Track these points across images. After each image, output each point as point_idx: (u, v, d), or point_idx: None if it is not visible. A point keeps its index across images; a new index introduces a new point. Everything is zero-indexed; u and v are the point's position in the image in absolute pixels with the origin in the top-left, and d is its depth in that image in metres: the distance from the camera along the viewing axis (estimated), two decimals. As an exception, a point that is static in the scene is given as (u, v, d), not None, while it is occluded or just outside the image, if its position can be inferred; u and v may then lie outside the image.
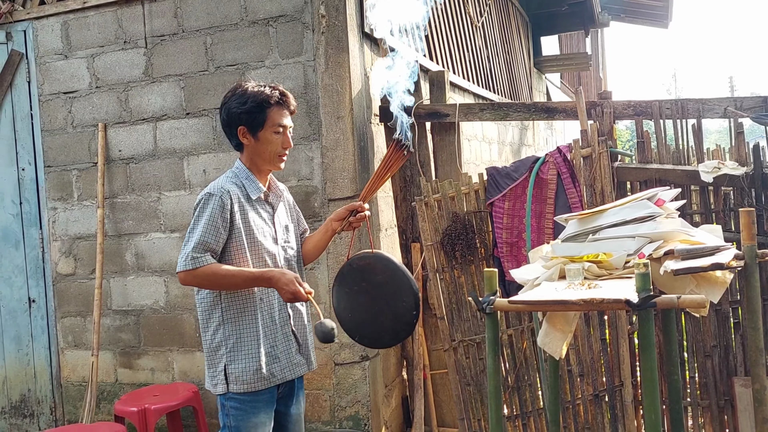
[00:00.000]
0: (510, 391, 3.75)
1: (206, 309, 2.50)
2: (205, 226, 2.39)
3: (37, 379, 4.50)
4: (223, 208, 2.41)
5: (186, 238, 2.43)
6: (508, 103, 4.20)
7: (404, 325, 2.67)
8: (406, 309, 2.63)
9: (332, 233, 2.67)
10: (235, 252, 2.45)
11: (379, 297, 2.64)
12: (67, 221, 4.43)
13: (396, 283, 2.64)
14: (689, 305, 1.98)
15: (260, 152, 2.52)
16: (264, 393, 2.48)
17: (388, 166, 2.75)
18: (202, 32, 4.05)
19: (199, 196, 2.47)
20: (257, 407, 2.47)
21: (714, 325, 3.51)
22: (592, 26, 10.75)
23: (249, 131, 2.49)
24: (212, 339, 2.48)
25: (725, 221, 3.48)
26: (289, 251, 2.63)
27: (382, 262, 2.68)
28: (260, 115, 2.47)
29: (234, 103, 2.49)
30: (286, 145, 2.54)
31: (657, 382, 2.00)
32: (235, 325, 2.46)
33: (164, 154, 4.18)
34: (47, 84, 4.42)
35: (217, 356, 2.47)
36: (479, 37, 7.16)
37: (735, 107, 3.60)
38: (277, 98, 2.49)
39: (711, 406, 3.54)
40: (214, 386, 2.49)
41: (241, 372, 2.44)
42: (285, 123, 2.52)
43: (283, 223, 2.63)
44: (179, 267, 2.40)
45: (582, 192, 3.59)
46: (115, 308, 4.34)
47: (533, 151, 9.44)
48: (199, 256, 2.36)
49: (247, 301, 2.47)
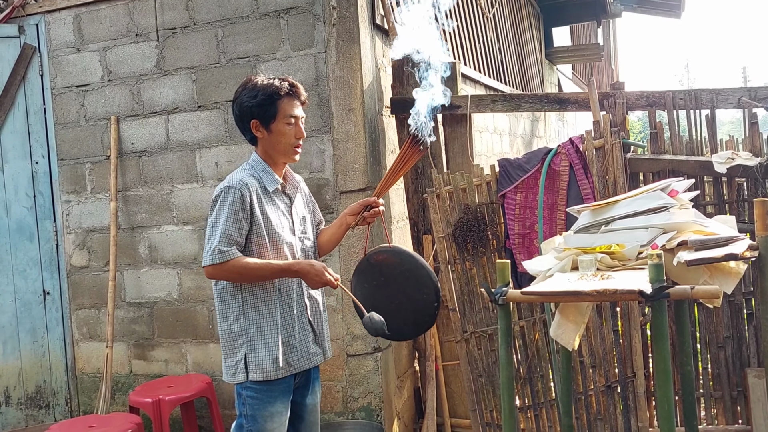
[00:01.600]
0: (522, 382, 3.75)
1: (226, 299, 2.51)
2: (228, 219, 2.41)
3: (52, 370, 4.55)
4: (243, 201, 2.42)
5: (209, 233, 2.45)
6: (520, 95, 4.18)
7: (426, 317, 2.69)
8: (427, 302, 2.66)
9: (346, 227, 2.69)
10: (256, 243, 2.47)
11: (398, 291, 2.65)
12: (81, 214, 4.46)
13: (416, 276, 2.65)
14: (703, 296, 1.98)
15: (274, 144, 2.53)
16: (281, 382, 2.50)
17: (404, 161, 2.74)
18: (213, 25, 4.06)
19: (216, 189, 2.49)
20: (274, 396, 2.49)
21: (727, 316, 3.49)
22: (603, 17, 10.67)
23: (261, 124, 2.51)
24: (231, 328, 2.50)
25: (739, 212, 3.46)
26: (306, 242, 2.65)
27: (400, 256, 2.69)
28: (271, 107, 2.48)
29: (245, 97, 2.50)
30: (299, 135, 2.55)
31: (670, 373, 2.00)
32: (256, 315, 2.48)
33: (176, 147, 4.20)
34: (60, 77, 4.45)
35: (236, 345, 2.49)
36: (491, 29, 7.14)
37: (749, 97, 3.57)
38: (286, 89, 2.51)
39: (724, 397, 3.53)
40: (233, 375, 2.50)
41: (260, 360, 2.46)
42: (296, 114, 2.53)
43: (300, 215, 2.65)
44: (206, 261, 2.41)
45: (594, 183, 3.58)
46: (128, 300, 4.37)
47: (544, 143, 9.40)
48: (227, 249, 2.38)
49: (268, 291, 2.50)
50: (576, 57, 11.21)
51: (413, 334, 2.85)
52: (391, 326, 2.59)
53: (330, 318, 3.57)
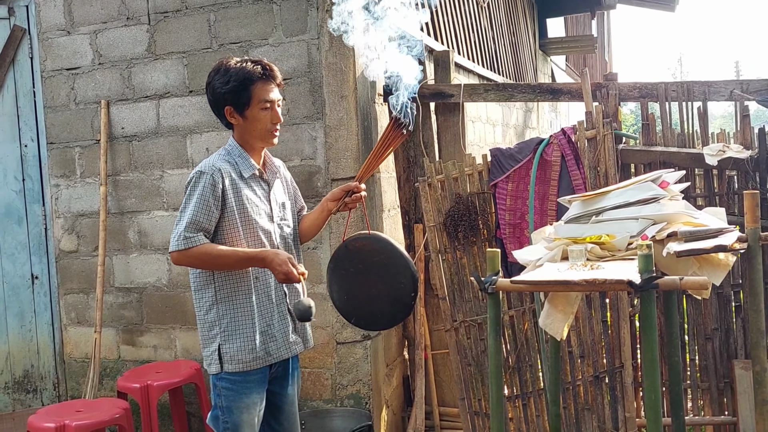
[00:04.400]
0: (511, 371, 3.77)
1: (199, 288, 2.47)
2: (197, 205, 2.35)
3: (40, 355, 4.53)
4: (215, 187, 2.36)
5: (178, 218, 2.40)
6: (513, 84, 4.18)
7: (402, 306, 2.61)
8: (404, 291, 2.58)
9: (328, 213, 2.63)
10: (228, 231, 2.41)
11: (376, 279, 2.58)
12: (70, 198, 4.43)
13: (394, 264, 2.58)
14: (691, 287, 1.99)
15: (250, 130, 2.46)
16: (256, 372, 2.46)
17: (386, 144, 2.62)
18: (205, 9, 4.02)
19: (190, 174, 2.43)
20: (249, 387, 2.45)
21: (715, 308, 3.51)
22: (598, 8, 10.65)
23: (236, 111, 2.42)
24: (205, 318, 2.46)
25: (729, 205, 3.48)
26: (285, 229, 2.59)
27: (379, 243, 2.62)
28: (245, 92, 2.39)
29: (217, 82, 2.41)
30: (275, 120, 2.47)
31: (657, 363, 2.01)
32: (230, 304, 2.43)
33: (167, 131, 4.17)
34: (50, 60, 4.40)
35: (210, 335, 2.45)
36: (485, 18, 7.11)
37: (741, 90, 3.58)
38: (259, 73, 2.41)
39: (711, 389, 3.55)
40: (209, 365, 2.46)
41: (236, 351, 2.41)
42: (272, 98, 2.44)
43: (279, 201, 2.59)
44: (171, 247, 2.36)
45: (586, 174, 3.58)
46: (117, 285, 4.35)
47: (537, 134, 9.40)
48: (192, 236, 2.33)
49: (242, 280, 2.44)
50: (570, 48, 11.20)
51: (389, 324, 2.79)
52: (366, 314, 2.53)
53: (320, 305, 3.56)
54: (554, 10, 10.50)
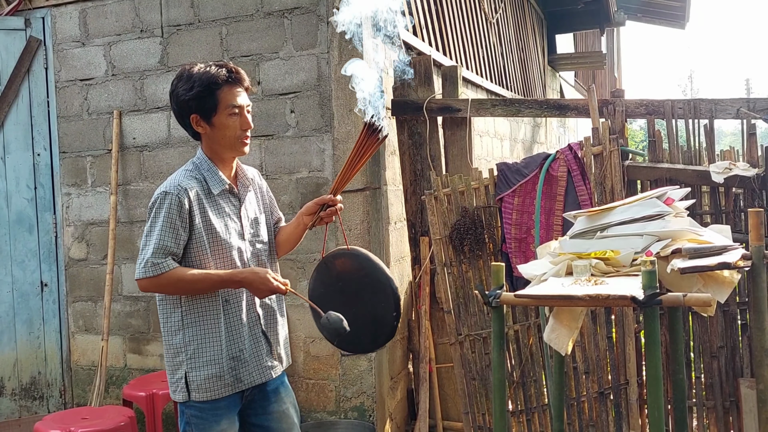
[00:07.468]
0: (515, 386, 3.76)
1: (165, 312, 2.31)
2: (163, 228, 2.19)
3: (47, 362, 4.56)
4: (181, 208, 2.20)
5: (143, 242, 2.23)
6: (520, 100, 4.20)
7: (383, 328, 2.40)
8: (385, 311, 2.38)
9: (304, 228, 2.43)
10: (196, 253, 2.26)
11: (356, 298, 2.39)
12: (81, 207, 4.48)
13: (374, 282, 2.39)
14: (695, 303, 1.99)
15: (218, 139, 2.29)
16: (226, 399, 2.30)
17: (361, 152, 2.39)
18: (217, 22, 4.08)
19: (154, 195, 2.26)
20: (219, 414, 2.30)
21: (721, 326, 3.50)
22: (607, 25, 10.69)
23: (202, 118, 2.26)
24: (171, 342, 2.30)
25: (735, 222, 3.48)
26: (257, 245, 2.42)
27: (358, 259, 2.43)
28: (210, 98, 2.23)
29: (181, 89, 2.25)
30: (245, 126, 2.30)
31: (661, 380, 2.01)
32: (197, 330, 2.27)
33: (177, 142, 4.22)
34: (64, 71, 4.47)
35: (176, 362, 2.30)
36: (493, 34, 7.16)
37: (748, 108, 3.59)
38: (224, 77, 2.25)
39: (716, 407, 3.54)
40: (173, 392, 2.31)
41: (203, 380, 2.26)
42: (240, 102, 2.28)
43: (251, 216, 2.42)
44: (138, 274, 2.20)
45: (592, 189, 3.60)
46: (125, 294, 4.38)
47: (545, 149, 9.41)
48: (160, 261, 2.17)
49: (211, 304, 2.28)
50: (579, 64, 11.24)
51: (370, 348, 2.58)
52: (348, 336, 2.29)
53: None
54: (564, 26, 10.55)
